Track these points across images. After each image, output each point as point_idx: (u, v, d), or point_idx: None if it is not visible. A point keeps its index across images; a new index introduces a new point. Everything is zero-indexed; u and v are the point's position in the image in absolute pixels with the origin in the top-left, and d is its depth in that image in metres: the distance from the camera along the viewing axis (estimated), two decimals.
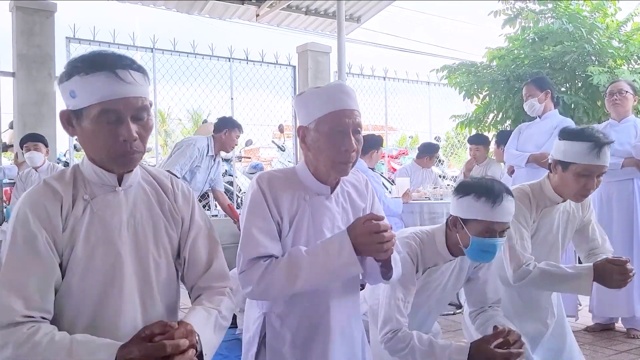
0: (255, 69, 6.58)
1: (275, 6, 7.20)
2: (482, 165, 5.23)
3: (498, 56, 6.28)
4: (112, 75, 1.23)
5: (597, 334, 3.72)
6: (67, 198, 1.29)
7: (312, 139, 1.61)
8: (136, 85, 1.27)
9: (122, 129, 1.26)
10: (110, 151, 1.28)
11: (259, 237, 1.56)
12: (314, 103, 1.61)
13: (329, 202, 1.68)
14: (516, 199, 2.21)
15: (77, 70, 1.24)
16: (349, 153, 1.59)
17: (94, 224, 1.30)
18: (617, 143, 3.68)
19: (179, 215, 1.43)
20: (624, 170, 3.63)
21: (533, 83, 4.02)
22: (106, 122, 1.25)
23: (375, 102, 7.72)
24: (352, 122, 1.60)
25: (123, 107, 1.25)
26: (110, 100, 1.24)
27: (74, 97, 1.26)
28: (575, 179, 2.18)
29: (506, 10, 6.11)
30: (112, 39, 5.61)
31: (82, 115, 1.26)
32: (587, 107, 5.72)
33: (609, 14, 6.00)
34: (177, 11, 7.28)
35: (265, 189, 1.61)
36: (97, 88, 1.23)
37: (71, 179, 1.33)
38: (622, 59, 5.77)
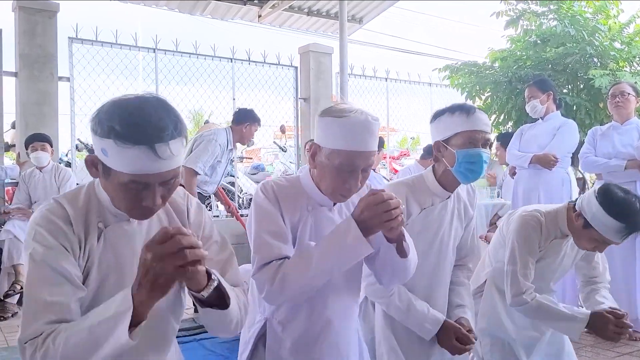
0: (257, 69, 6.59)
1: (278, 7, 7.21)
2: None
3: (500, 57, 6.29)
4: (150, 151, 1.17)
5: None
6: (78, 223, 1.27)
7: (321, 162, 1.59)
8: (173, 158, 1.21)
9: (147, 196, 1.23)
10: (129, 208, 1.27)
11: (271, 240, 1.56)
12: (334, 132, 1.55)
13: (331, 213, 1.68)
14: (529, 226, 2.23)
15: (113, 134, 1.17)
16: (350, 191, 1.59)
17: (107, 253, 1.29)
18: (620, 145, 3.68)
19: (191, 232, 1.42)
20: (626, 172, 3.63)
21: (535, 85, 4.02)
22: (133, 188, 1.22)
23: (377, 103, 7.72)
24: (365, 163, 1.57)
25: (153, 180, 1.21)
26: (142, 174, 1.19)
27: (106, 155, 1.20)
28: (589, 241, 2.17)
29: (508, 12, 6.10)
30: (114, 39, 5.62)
31: (110, 171, 1.22)
32: (590, 108, 5.73)
33: (612, 16, 6.00)
34: (179, 12, 7.29)
35: (271, 196, 1.61)
36: (132, 161, 1.17)
37: (85, 204, 1.31)
38: (624, 61, 5.77)
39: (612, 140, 3.73)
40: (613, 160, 3.66)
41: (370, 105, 7.70)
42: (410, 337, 2.00)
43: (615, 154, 3.68)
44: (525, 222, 2.26)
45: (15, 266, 4.32)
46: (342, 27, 6.48)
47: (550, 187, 3.78)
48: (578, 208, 2.19)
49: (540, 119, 4.00)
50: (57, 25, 5.33)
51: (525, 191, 3.85)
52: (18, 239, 4.38)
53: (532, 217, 2.26)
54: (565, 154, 3.81)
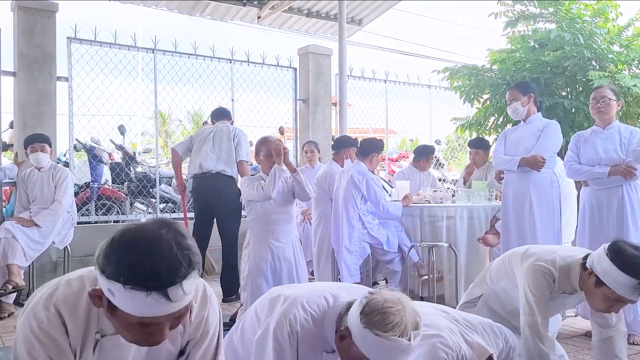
0: (257, 70, 6.59)
1: (277, 8, 7.21)
2: (482, 169, 5.22)
3: (499, 59, 6.28)
4: (163, 297, 1.10)
5: None
6: (76, 337, 1.23)
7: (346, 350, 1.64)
8: (184, 298, 1.15)
9: (155, 332, 1.17)
10: (134, 339, 1.21)
11: None
12: (373, 347, 1.57)
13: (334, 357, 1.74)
14: (543, 277, 2.27)
15: (123, 279, 1.10)
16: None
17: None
18: (602, 150, 3.69)
19: (189, 337, 1.40)
20: (610, 178, 3.63)
21: (516, 87, 4.05)
22: (142, 328, 1.16)
23: (376, 104, 7.73)
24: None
25: (164, 320, 1.15)
26: (152, 317, 1.13)
27: (113, 295, 1.13)
28: (604, 300, 2.15)
29: (507, 13, 6.10)
30: (113, 39, 5.62)
31: (115, 309, 1.15)
32: (588, 111, 5.71)
33: (610, 19, 5.99)
34: (178, 12, 7.30)
35: (294, 342, 1.68)
36: (143, 306, 1.11)
37: (86, 315, 1.24)
38: (622, 64, 5.77)
39: (594, 145, 3.73)
40: (596, 167, 3.67)
41: (369, 107, 7.71)
42: None
43: (598, 160, 3.69)
44: (540, 274, 2.28)
45: (9, 266, 4.31)
46: (341, 29, 6.49)
47: (539, 188, 3.79)
48: (589, 266, 2.17)
49: (522, 121, 4.01)
50: (56, 25, 5.33)
51: (516, 194, 3.85)
52: (16, 239, 4.37)
53: (548, 272, 2.27)
54: (551, 155, 3.82)
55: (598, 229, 3.69)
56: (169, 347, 1.37)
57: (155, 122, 6.40)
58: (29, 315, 1.23)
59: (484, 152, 5.25)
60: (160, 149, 7.54)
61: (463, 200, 4.57)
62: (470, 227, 4.36)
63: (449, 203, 4.59)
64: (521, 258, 2.40)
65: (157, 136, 6.79)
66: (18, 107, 5.19)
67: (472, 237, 4.32)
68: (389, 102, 7.71)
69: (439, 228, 4.44)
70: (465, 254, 4.32)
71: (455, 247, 4.26)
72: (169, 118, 15.48)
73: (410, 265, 4.52)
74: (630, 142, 3.61)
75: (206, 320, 1.40)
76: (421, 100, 8.04)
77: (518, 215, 3.78)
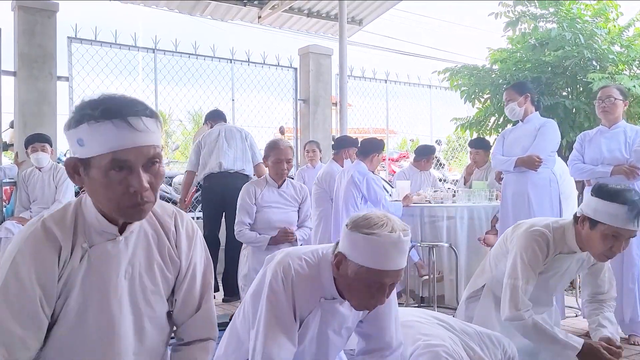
0: (257, 70, 6.59)
1: (277, 8, 7.21)
2: (483, 169, 5.22)
3: (500, 59, 6.28)
4: (124, 123, 1.17)
5: None
6: (67, 246, 1.25)
7: (346, 275, 1.60)
8: (148, 132, 1.21)
9: (132, 180, 1.20)
10: (120, 203, 1.22)
11: (277, 336, 1.58)
12: (364, 249, 1.55)
13: (342, 307, 1.71)
14: (536, 242, 2.23)
15: (86, 118, 1.17)
16: (371, 305, 1.63)
17: (90, 275, 1.27)
18: (606, 150, 3.68)
19: (178, 258, 1.41)
20: (613, 177, 3.63)
21: (512, 88, 4.05)
22: (116, 173, 1.19)
23: (376, 105, 7.73)
24: (393, 279, 1.59)
25: (134, 157, 1.19)
26: (121, 150, 1.18)
27: (82, 145, 1.19)
28: (602, 240, 2.12)
29: (507, 13, 6.09)
30: (113, 39, 5.61)
31: (90, 164, 1.20)
32: (588, 112, 5.71)
33: (611, 19, 5.99)
34: (179, 12, 7.29)
35: (288, 289, 1.62)
36: (108, 137, 1.17)
37: (72, 224, 1.28)
38: (623, 64, 5.76)
39: (599, 145, 3.72)
40: (599, 166, 3.66)
41: (369, 107, 7.71)
42: None
43: (602, 159, 3.68)
44: (532, 239, 2.24)
45: None
46: (341, 29, 6.49)
47: (538, 188, 3.78)
48: (580, 214, 2.18)
49: (520, 121, 4.01)
50: (56, 25, 5.33)
51: (515, 194, 3.85)
52: None
53: (540, 234, 2.24)
54: (548, 154, 3.81)
55: None
56: (157, 275, 1.37)
57: None
58: (17, 238, 1.26)
59: (484, 152, 5.25)
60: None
61: (463, 200, 4.57)
62: (470, 227, 4.36)
63: (450, 203, 4.59)
64: (513, 230, 2.39)
65: None
66: (18, 106, 5.19)
67: (473, 237, 4.32)
68: (390, 102, 7.71)
69: (439, 228, 4.44)
70: (466, 254, 4.32)
71: (456, 247, 4.26)
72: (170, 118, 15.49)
73: (410, 265, 4.52)
74: (634, 142, 3.61)
75: (191, 259, 1.43)
76: (422, 100, 8.04)
77: (517, 215, 3.77)
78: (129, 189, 1.20)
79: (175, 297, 1.42)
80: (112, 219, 1.29)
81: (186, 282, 1.42)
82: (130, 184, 1.20)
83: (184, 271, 1.42)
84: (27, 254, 1.21)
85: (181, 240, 1.42)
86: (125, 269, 1.31)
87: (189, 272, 1.43)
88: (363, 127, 8.89)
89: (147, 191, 1.22)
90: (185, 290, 1.42)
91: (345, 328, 1.73)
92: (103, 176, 1.19)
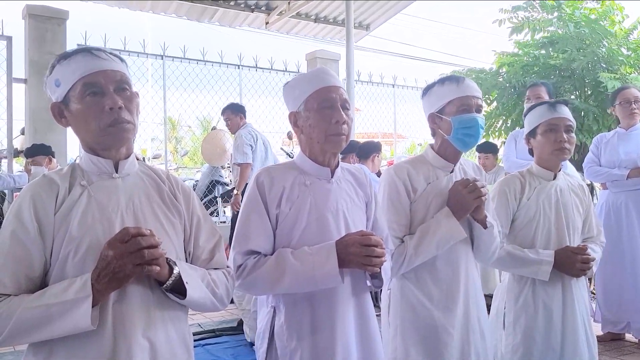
0: (265, 76, 6.62)
1: (285, 14, 7.25)
2: (491, 173, 5.21)
3: (507, 63, 6.28)
4: (88, 54, 1.33)
5: (607, 343, 3.68)
6: (64, 186, 1.31)
7: (303, 120, 1.66)
8: (112, 61, 1.35)
9: (106, 99, 1.30)
10: (100, 125, 1.30)
11: (252, 232, 1.59)
12: (300, 86, 1.67)
13: (330, 185, 1.68)
14: (505, 184, 2.30)
15: (57, 61, 1.34)
16: (339, 125, 1.62)
17: (91, 206, 1.30)
18: (623, 153, 3.63)
19: (180, 203, 1.43)
20: (630, 180, 3.59)
21: (544, 85, 3.89)
22: (91, 98, 1.30)
23: (384, 109, 7.74)
24: (340, 98, 1.64)
25: (103, 80, 1.31)
26: (90, 74, 1.31)
27: (59, 85, 1.33)
28: (545, 139, 2.24)
29: (512, 19, 6.10)
30: (122, 46, 5.67)
31: (69, 100, 1.32)
32: (597, 114, 5.69)
33: (617, 22, 5.97)
34: (187, 19, 7.35)
35: (263, 183, 1.62)
36: (77, 67, 1.31)
37: (69, 171, 1.36)
38: (631, 67, 5.74)
39: (616, 148, 3.68)
40: (615, 169, 3.62)
41: (377, 112, 7.72)
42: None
43: (618, 162, 3.64)
44: (498, 186, 2.33)
45: None
46: (348, 34, 6.51)
47: None
48: (525, 142, 2.35)
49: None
50: (66, 33, 5.40)
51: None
52: None
53: (506, 178, 2.36)
54: None
55: (616, 232, 3.64)
56: (160, 216, 1.38)
57: (165, 128, 6.44)
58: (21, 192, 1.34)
59: (493, 156, 5.24)
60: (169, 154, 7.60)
61: None
62: None
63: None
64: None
65: (166, 142, 6.83)
66: (29, 113, 5.25)
67: None
68: (397, 106, 7.71)
69: None
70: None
71: None
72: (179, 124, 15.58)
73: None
74: None
75: (192, 210, 1.46)
76: None
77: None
78: (105, 107, 1.30)
79: (188, 250, 1.43)
80: (105, 155, 1.35)
81: (193, 232, 1.44)
82: (105, 103, 1.30)
83: (188, 220, 1.44)
84: (27, 196, 1.28)
85: (178, 191, 1.45)
86: (126, 203, 1.34)
87: (194, 221, 1.45)
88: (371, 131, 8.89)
89: (123, 110, 1.31)
90: (194, 239, 1.44)
91: (341, 211, 1.66)
92: (80, 103, 1.31)
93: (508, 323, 2.25)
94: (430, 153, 2.05)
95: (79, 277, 1.21)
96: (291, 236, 1.62)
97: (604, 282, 3.80)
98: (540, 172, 2.31)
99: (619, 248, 3.64)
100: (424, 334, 1.95)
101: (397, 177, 1.98)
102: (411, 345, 1.95)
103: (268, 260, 1.58)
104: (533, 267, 2.19)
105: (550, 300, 2.21)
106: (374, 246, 1.52)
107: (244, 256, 1.59)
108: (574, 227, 2.31)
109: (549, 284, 2.21)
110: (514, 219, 2.29)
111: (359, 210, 1.73)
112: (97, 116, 1.29)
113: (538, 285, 2.22)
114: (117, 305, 1.25)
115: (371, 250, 1.52)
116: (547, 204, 2.27)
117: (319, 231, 1.62)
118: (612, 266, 3.67)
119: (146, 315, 1.28)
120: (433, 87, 2.01)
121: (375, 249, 1.52)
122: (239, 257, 1.59)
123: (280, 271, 1.55)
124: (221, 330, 3.97)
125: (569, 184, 2.37)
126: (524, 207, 2.27)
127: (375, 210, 1.80)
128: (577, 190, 2.38)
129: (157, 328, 1.29)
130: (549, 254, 2.19)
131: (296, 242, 1.61)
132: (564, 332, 2.20)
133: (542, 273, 2.18)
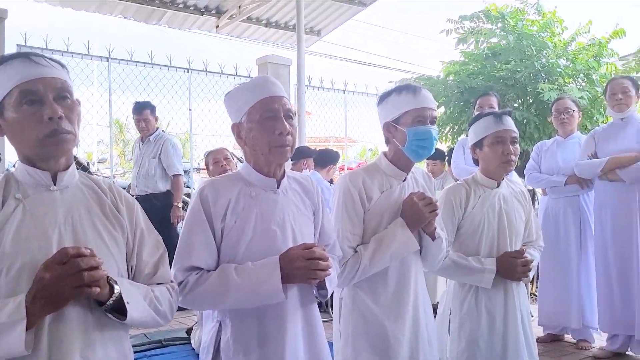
0: (215, 80, 6.54)
1: (235, 18, 7.19)
2: (439, 179, 5.31)
3: (454, 71, 6.44)
4: (26, 59, 1.25)
5: (547, 344, 3.81)
6: None
7: (246, 132, 1.62)
8: (53, 68, 1.27)
9: (45, 109, 1.23)
10: (38, 135, 1.23)
11: (195, 248, 1.56)
12: (242, 96, 1.63)
13: (276, 196, 1.66)
14: (451, 193, 2.34)
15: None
16: (283, 136, 1.60)
17: (26, 221, 1.23)
18: (562, 160, 3.80)
19: (122, 216, 1.37)
20: (569, 186, 3.74)
21: (494, 94, 4.09)
22: (28, 107, 1.22)
23: (335, 114, 7.78)
24: (283, 108, 1.62)
25: (42, 87, 1.23)
26: (28, 81, 1.23)
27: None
28: (492, 151, 2.29)
29: (458, 30, 6.27)
30: (65, 47, 5.47)
31: (4, 107, 1.24)
32: (538, 123, 5.92)
33: (557, 34, 6.23)
34: (134, 20, 7.18)
35: (206, 197, 1.58)
36: (14, 72, 1.23)
37: (2, 182, 1.28)
38: (569, 78, 6.00)
39: (555, 155, 3.85)
40: (554, 176, 3.79)
41: (328, 117, 7.76)
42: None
43: (557, 169, 3.80)
44: (445, 191, 2.39)
45: None
46: (299, 39, 6.51)
47: None
48: (471, 148, 2.39)
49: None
50: (4, 32, 5.16)
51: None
52: None
53: (451, 186, 2.42)
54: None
55: (554, 237, 3.77)
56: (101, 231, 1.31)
57: (110, 131, 6.24)
58: None
59: (440, 163, 5.35)
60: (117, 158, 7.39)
61: None
62: None
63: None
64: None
65: (111, 145, 6.63)
66: None
67: None
68: (348, 111, 7.77)
69: None
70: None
71: None
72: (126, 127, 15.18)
73: None
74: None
75: (136, 223, 1.41)
76: None
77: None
78: (44, 117, 1.22)
79: (129, 264, 1.37)
80: (42, 167, 1.28)
81: (136, 246, 1.39)
82: (44, 113, 1.22)
83: (131, 234, 1.38)
84: None
85: (120, 202, 1.39)
86: (64, 218, 1.27)
87: (137, 234, 1.39)
88: (323, 136, 8.93)
89: (63, 120, 1.24)
90: (137, 254, 1.39)
91: (288, 222, 1.63)
92: (16, 112, 1.23)
93: (453, 329, 2.30)
94: (384, 161, 2.07)
95: (12, 298, 1.13)
96: (237, 249, 1.58)
97: (542, 285, 3.95)
98: (484, 181, 2.37)
99: (556, 252, 3.78)
100: (374, 342, 1.96)
101: (352, 185, 1.99)
102: (361, 353, 1.96)
103: (211, 277, 1.54)
104: (477, 276, 2.25)
105: (492, 305, 2.28)
106: (318, 259, 1.51)
107: (184, 272, 1.56)
108: (517, 234, 2.39)
109: (492, 290, 2.27)
110: (459, 227, 2.34)
111: (306, 220, 1.72)
112: (35, 126, 1.22)
113: (481, 291, 2.28)
114: (53, 326, 1.18)
115: (315, 263, 1.51)
116: (491, 212, 2.33)
117: (265, 244, 1.60)
118: (552, 271, 3.82)
119: (84, 336, 1.22)
120: (390, 96, 2.02)
121: (319, 262, 1.51)
122: (180, 273, 1.56)
123: (224, 288, 1.52)
124: (168, 340, 3.88)
125: (512, 190, 2.45)
126: (469, 216, 2.32)
127: (322, 217, 1.79)
128: (519, 196, 2.45)
129: (96, 349, 1.24)
130: (492, 262, 2.26)
131: (242, 255, 1.58)
132: (506, 336, 2.27)
133: (485, 281, 2.25)
